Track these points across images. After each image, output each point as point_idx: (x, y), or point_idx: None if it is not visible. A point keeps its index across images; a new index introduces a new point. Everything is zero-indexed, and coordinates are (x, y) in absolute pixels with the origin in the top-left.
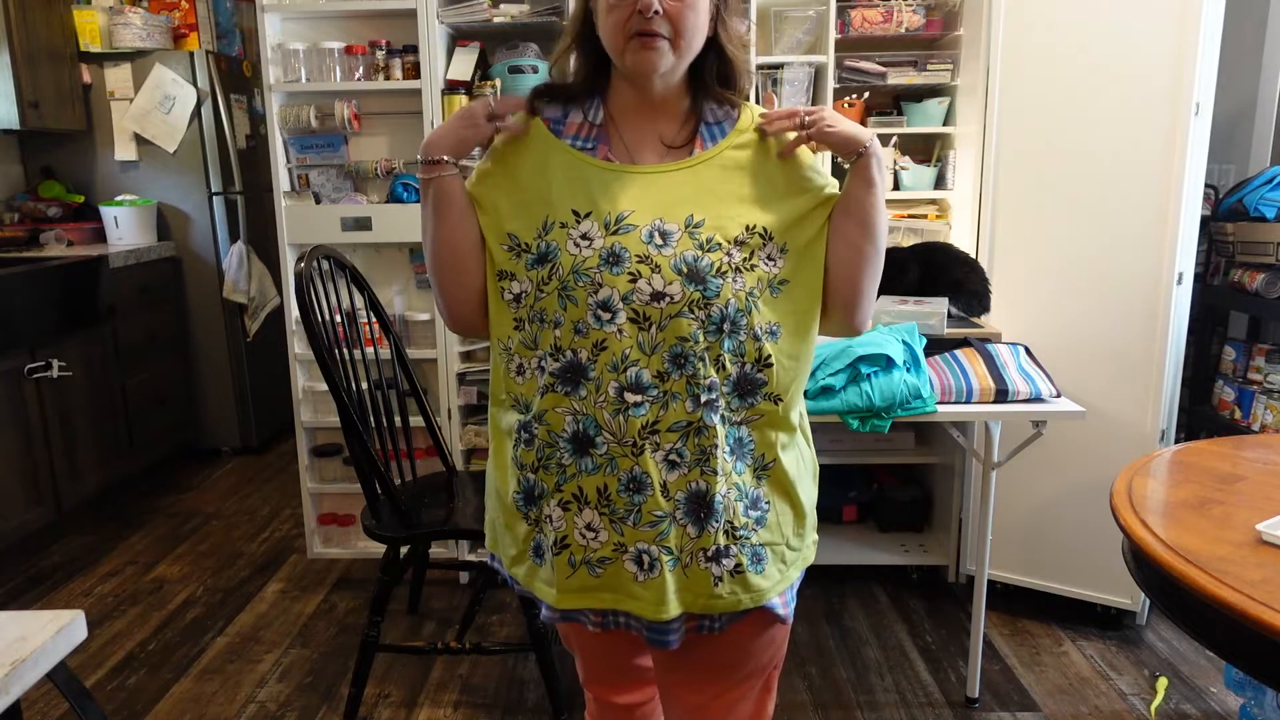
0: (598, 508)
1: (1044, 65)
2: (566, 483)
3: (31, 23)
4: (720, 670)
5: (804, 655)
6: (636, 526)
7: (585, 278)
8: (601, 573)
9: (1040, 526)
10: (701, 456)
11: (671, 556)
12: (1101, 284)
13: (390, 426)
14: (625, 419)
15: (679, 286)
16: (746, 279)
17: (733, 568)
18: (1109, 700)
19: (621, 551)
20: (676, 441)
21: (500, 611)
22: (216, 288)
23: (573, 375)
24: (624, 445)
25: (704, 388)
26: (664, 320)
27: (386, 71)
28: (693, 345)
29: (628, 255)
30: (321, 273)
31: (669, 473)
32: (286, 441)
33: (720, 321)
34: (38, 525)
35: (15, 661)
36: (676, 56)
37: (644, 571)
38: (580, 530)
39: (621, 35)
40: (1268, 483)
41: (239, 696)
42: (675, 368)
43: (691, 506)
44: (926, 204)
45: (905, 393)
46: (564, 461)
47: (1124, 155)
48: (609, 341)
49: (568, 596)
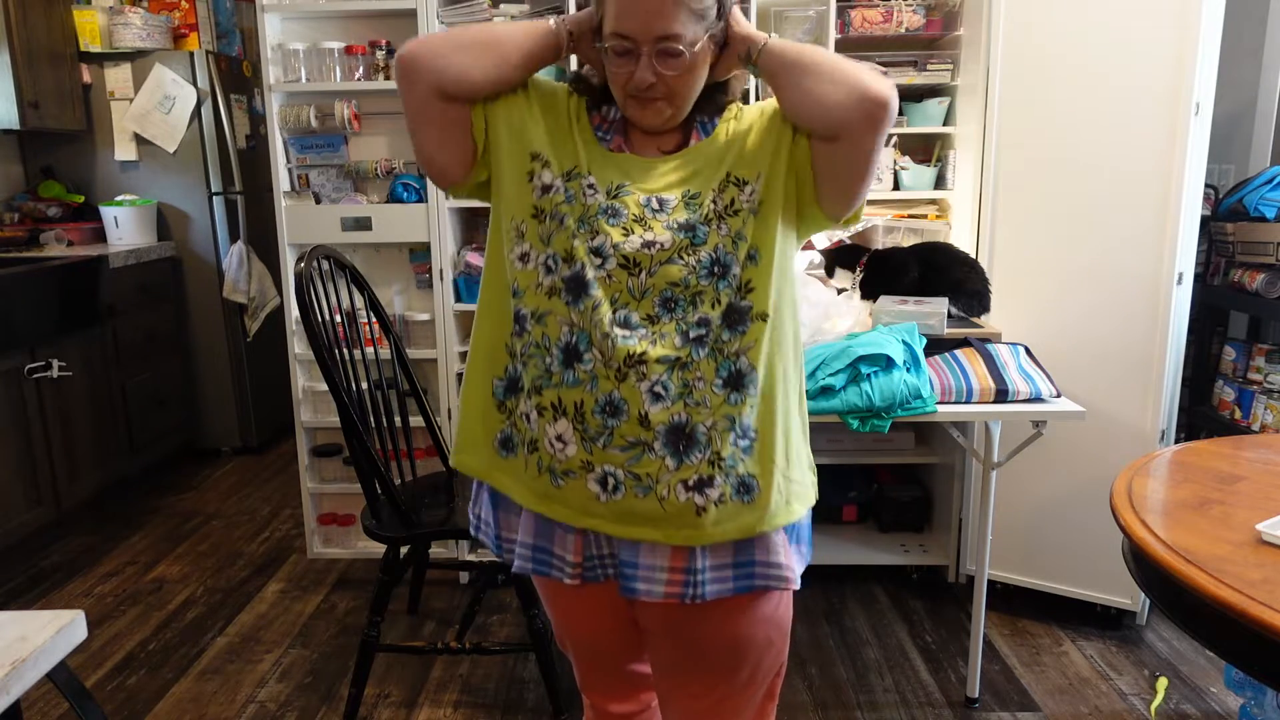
0: (571, 421)
1: (1044, 65)
2: (548, 388)
3: (31, 23)
4: (718, 667)
5: (804, 655)
6: (606, 449)
7: (586, 225)
8: (564, 485)
9: (1040, 526)
10: (685, 390)
11: (640, 485)
12: (1101, 284)
13: (390, 426)
14: (613, 344)
15: (669, 236)
16: (731, 223)
17: (717, 498)
18: (1109, 700)
19: (587, 470)
20: (663, 374)
21: (500, 611)
22: (216, 288)
23: (578, 288)
24: (609, 368)
25: (693, 324)
26: (654, 266)
27: (386, 71)
28: (683, 290)
29: (625, 212)
30: (321, 273)
31: (652, 404)
32: (286, 441)
33: (711, 265)
34: (38, 525)
35: (15, 661)
36: (674, 110)
37: (606, 493)
38: (550, 439)
39: (621, 92)
40: (1268, 483)
41: (239, 696)
42: (665, 311)
43: (671, 438)
44: (926, 204)
45: (905, 393)
46: (552, 368)
47: (1124, 155)
48: (599, 285)
49: (531, 498)
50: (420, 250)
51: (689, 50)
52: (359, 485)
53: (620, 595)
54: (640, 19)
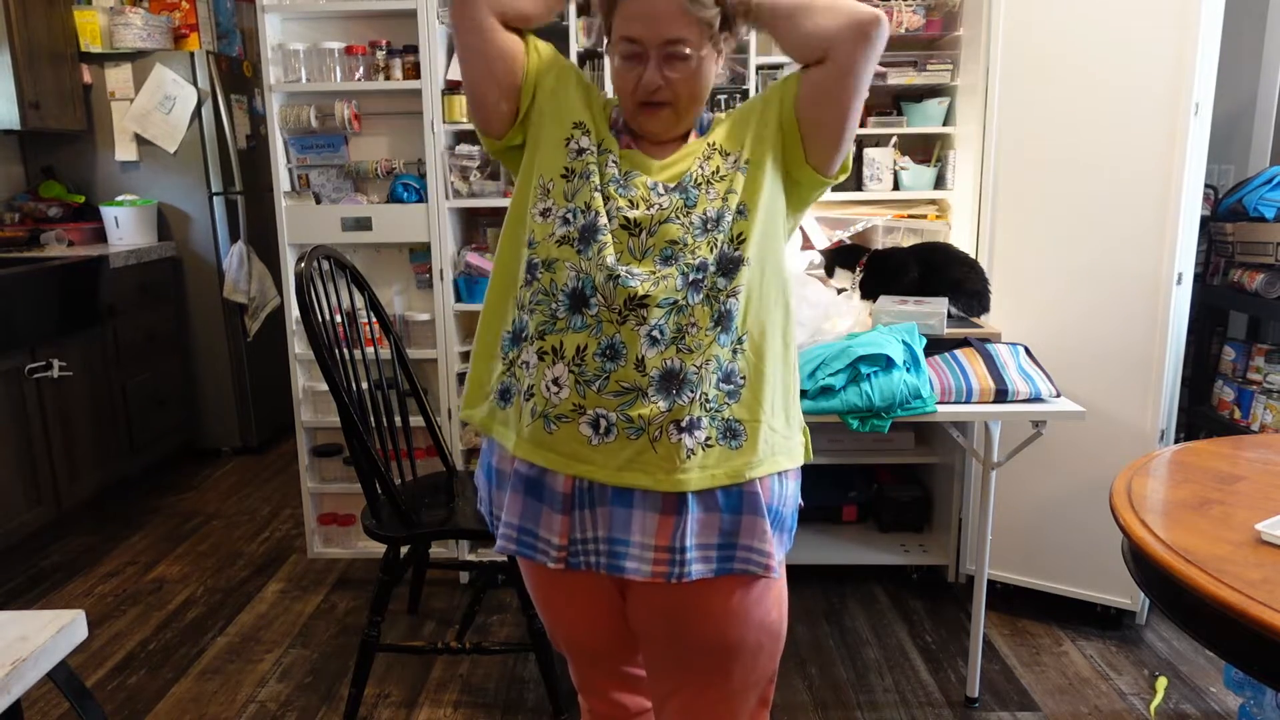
0: (570, 365)
1: (1044, 65)
2: (551, 334)
3: (32, 23)
4: (710, 669)
5: (804, 655)
6: (600, 393)
7: (601, 189)
8: (555, 430)
9: (1040, 526)
10: (679, 334)
11: (632, 427)
12: (1101, 284)
13: (390, 426)
14: (614, 286)
15: (667, 198)
16: (718, 187)
17: (704, 439)
18: (1109, 700)
19: (579, 413)
20: (661, 318)
21: (500, 611)
22: (216, 288)
23: (587, 235)
24: (611, 310)
25: (693, 267)
26: (654, 226)
27: (387, 71)
28: (681, 248)
29: (635, 191)
30: (321, 273)
31: (649, 348)
32: (286, 441)
33: (704, 223)
34: (38, 525)
35: (16, 661)
36: (681, 117)
37: (599, 435)
38: (547, 383)
39: (629, 100)
40: (1268, 483)
41: (239, 696)
42: (665, 265)
43: (664, 383)
44: (926, 204)
45: (905, 393)
46: (558, 314)
47: (1124, 155)
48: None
49: (523, 444)
50: (420, 250)
51: (695, 54)
52: (359, 485)
53: (608, 573)
54: (648, 23)
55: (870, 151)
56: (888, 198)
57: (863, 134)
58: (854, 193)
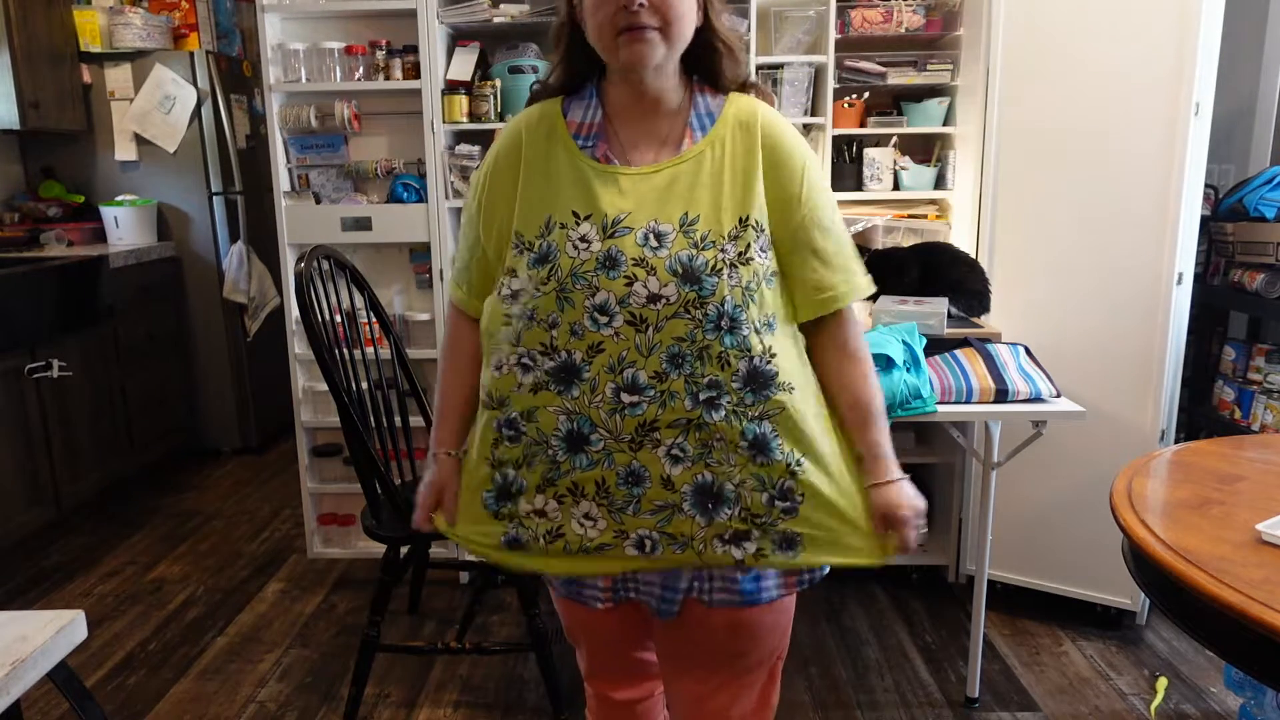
0: (595, 499)
1: (1044, 65)
2: (561, 478)
3: (32, 23)
4: (724, 656)
5: (804, 655)
6: (637, 515)
7: (583, 280)
8: (597, 557)
9: (1040, 526)
10: (705, 450)
11: (675, 543)
12: (1101, 284)
13: (390, 426)
14: (622, 418)
15: (674, 288)
16: (743, 273)
17: (754, 551)
18: (1109, 700)
19: (622, 538)
20: (678, 437)
21: (500, 611)
22: (216, 288)
23: (567, 375)
24: (620, 441)
25: (703, 385)
26: (660, 322)
27: (386, 71)
28: (689, 345)
29: (624, 259)
30: (321, 273)
31: (672, 467)
32: (286, 441)
33: (718, 319)
34: (38, 525)
35: (15, 661)
36: (667, 46)
37: (645, 554)
38: (578, 519)
39: (610, 31)
40: (1268, 483)
41: (239, 696)
42: (673, 367)
43: (699, 498)
44: (926, 204)
45: (905, 393)
46: (558, 459)
47: (1124, 155)
48: (606, 344)
49: (560, 564)
50: (420, 250)
51: None
52: (359, 485)
53: (660, 619)
54: None
55: (870, 151)
56: (888, 197)
57: (863, 134)
58: (854, 193)
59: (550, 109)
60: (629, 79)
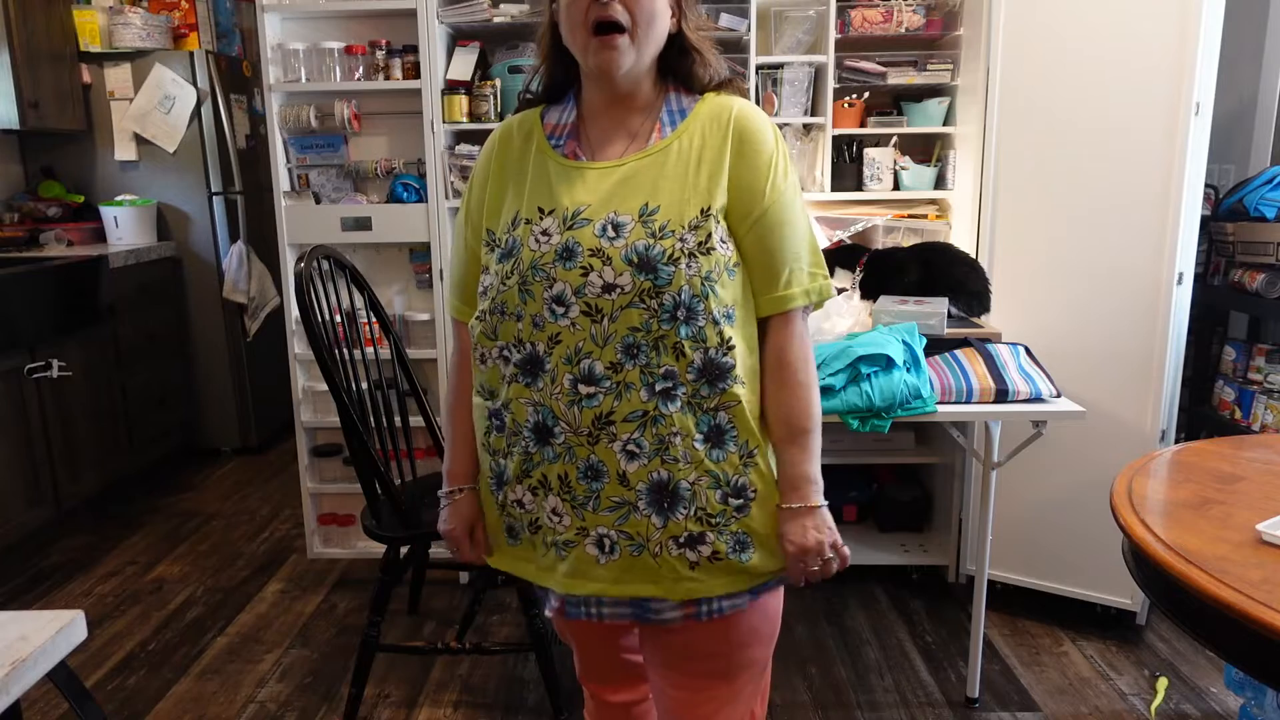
0: (559, 494)
1: (1044, 65)
2: (534, 469)
3: (31, 23)
4: (707, 660)
5: (804, 655)
6: (596, 512)
7: (542, 273)
8: (566, 555)
9: (1040, 526)
10: (660, 446)
11: (633, 544)
12: (1101, 284)
13: (390, 426)
14: (580, 410)
15: (629, 277)
16: (703, 263)
17: (709, 554)
18: (1109, 700)
19: (583, 535)
20: (634, 431)
21: (500, 611)
22: (216, 288)
23: (532, 367)
24: (579, 435)
25: (659, 376)
26: (615, 311)
27: (386, 71)
28: (645, 335)
29: (580, 250)
30: (321, 273)
31: (628, 463)
32: (286, 441)
33: (674, 309)
34: (38, 525)
35: (15, 661)
36: (637, 50)
37: (605, 554)
38: (548, 514)
39: (583, 30)
40: (1268, 483)
41: (239, 696)
42: (628, 358)
43: (654, 496)
44: (926, 204)
45: (905, 393)
46: (530, 450)
47: (1124, 155)
48: (563, 335)
49: (542, 573)
50: (420, 250)
51: None
52: (359, 485)
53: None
54: None
55: (870, 151)
56: (888, 197)
57: (863, 134)
58: (854, 193)
59: (532, 114)
60: (600, 81)
